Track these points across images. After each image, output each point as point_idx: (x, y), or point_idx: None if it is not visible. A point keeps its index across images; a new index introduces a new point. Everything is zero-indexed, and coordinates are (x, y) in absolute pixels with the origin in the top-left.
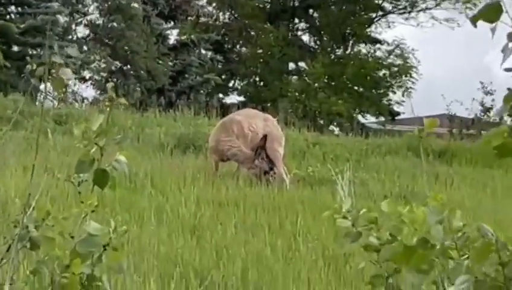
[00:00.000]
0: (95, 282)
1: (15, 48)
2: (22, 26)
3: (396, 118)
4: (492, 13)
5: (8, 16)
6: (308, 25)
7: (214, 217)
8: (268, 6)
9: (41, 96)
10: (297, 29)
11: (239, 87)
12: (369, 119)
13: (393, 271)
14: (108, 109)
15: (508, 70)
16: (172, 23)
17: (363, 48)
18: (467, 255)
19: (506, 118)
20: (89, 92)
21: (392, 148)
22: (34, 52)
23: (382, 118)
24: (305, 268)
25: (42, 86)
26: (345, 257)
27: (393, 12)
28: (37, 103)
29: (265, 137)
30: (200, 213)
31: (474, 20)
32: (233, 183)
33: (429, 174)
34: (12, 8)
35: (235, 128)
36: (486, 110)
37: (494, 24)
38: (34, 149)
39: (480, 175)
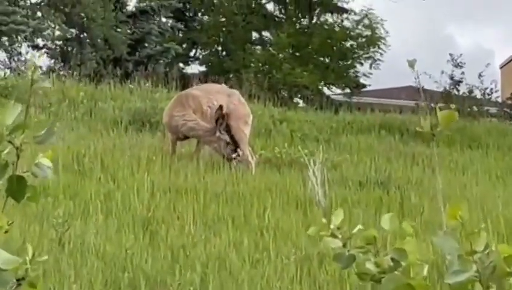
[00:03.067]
0: None
1: None
2: None
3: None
4: None
5: None
6: None
7: (170, 209)
8: None
9: None
10: None
11: (200, 56)
12: (334, 91)
13: None
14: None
15: None
16: None
17: (329, 18)
18: None
19: (476, 91)
20: (42, 60)
21: (364, 126)
22: None
23: (348, 90)
24: (275, 275)
25: None
26: (319, 256)
27: None
28: None
29: (221, 107)
30: (155, 204)
31: None
32: (193, 166)
33: (405, 156)
34: None
35: (191, 102)
36: (456, 83)
37: None
38: None
39: (460, 157)
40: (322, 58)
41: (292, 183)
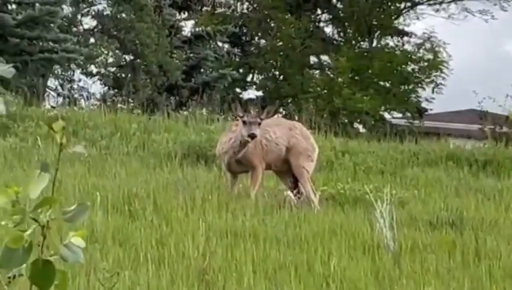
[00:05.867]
0: None
1: (11, 41)
2: (19, 17)
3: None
4: None
5: (4, 6)
6: (331, 16)
7: (228, 256)
8: None
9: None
10: (320, 21)
11: (257, 81)
12: (395, 116)
13: None
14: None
15: None
16: (186, 14)
17: (390, 41)
18: None
19: None
20: (96, 87)
21: (431, 158)
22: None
23: (409, 114)
24: None
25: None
26: None
27: (422, 3)
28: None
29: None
30: (210, 250)
31: None
32: (251, 205)
33: (476, 191)
34: None
35: None
36: None
37: None
38: (21, 161)
39: None
40: (382, 83)
41: (358, 225)
